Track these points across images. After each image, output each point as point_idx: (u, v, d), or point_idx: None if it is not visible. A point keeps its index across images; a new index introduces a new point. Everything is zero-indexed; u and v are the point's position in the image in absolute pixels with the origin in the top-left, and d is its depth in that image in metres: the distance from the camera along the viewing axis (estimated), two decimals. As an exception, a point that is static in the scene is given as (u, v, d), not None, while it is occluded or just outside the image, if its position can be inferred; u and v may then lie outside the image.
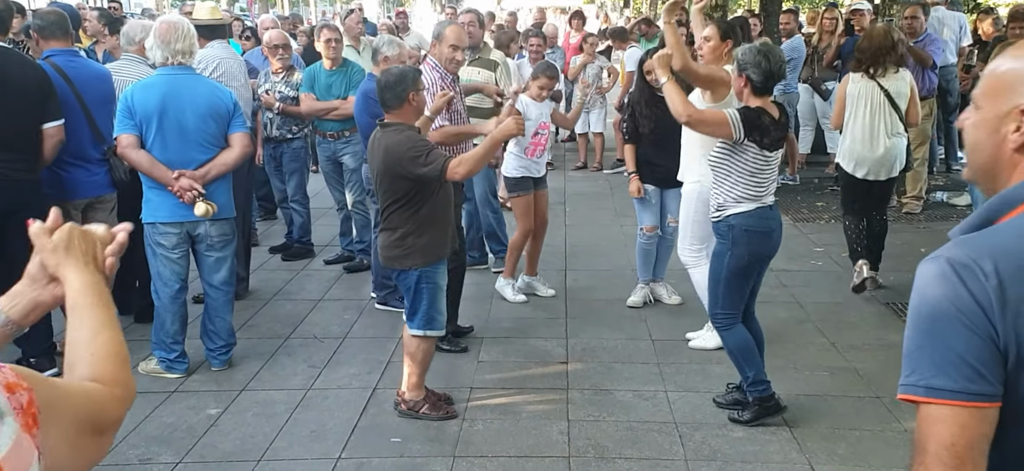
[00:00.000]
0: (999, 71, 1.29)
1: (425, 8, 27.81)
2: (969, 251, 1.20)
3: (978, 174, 1.35)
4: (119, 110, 3.98)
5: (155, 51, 4.05)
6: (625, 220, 7.58)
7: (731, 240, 3.72)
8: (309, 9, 39.22)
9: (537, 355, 4.68)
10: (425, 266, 3.76)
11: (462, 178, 3.69)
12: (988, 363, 1.17)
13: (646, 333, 4.93)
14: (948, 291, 1.18)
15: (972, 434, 1.18)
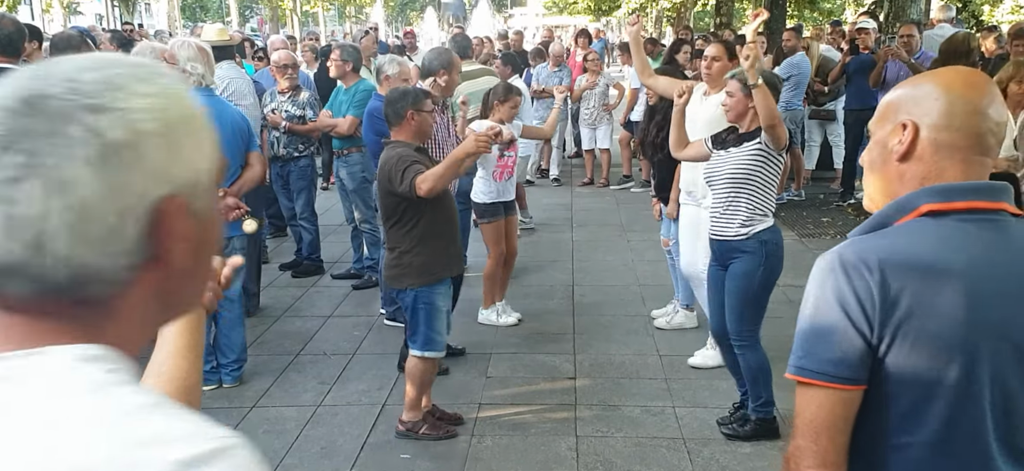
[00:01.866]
0: (889, 99, 1.44)
1: (433, 28, 27.97)
2: (858, 251, 1.33)
3: (875, 195, 1.46)
4: None
5: (204, 73, 4.05)
6: (632, 235, 7.58)
7: (764, 256, 3.65)
8: (318, 28, 39.53)
9: (545, 371, 4.67)
10: (421, 286, 3.67)
11: (427, 194, 3.50)
12: (855, 352, 1.30)
13: (653, 349, 4.91)
14: (833, 284, 1.32)
15: (831, 412, 1.33)
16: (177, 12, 21.42)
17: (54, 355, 0.67)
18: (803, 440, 1.35)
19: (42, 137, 0.65)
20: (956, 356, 1.30)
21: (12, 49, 3.88)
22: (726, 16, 14.87)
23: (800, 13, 20.79)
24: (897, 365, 1.31)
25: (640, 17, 4.84)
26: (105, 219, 0.67)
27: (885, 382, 1.32)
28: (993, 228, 1.35)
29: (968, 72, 1.45)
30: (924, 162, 1.36)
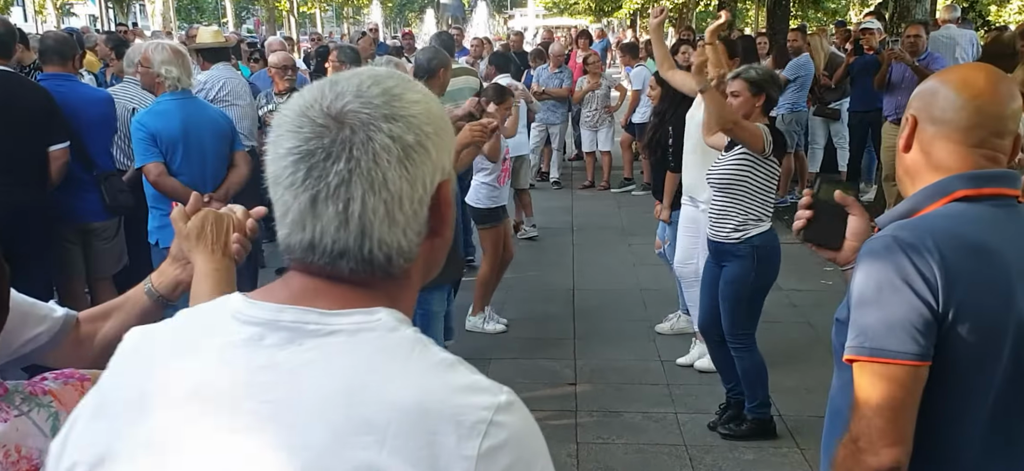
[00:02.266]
0: (917, 90, 1.55)
1: (432, 29, 27.98)
2: (913, 231, 1.40)
3: (899, 176, 1.59)
4: (139, 139, 3.90)
5: (179, 76, 4.00)
6: (633, 239, 7.57)
7: (756, 260, 3.66)
8: (316, 29, 39.51)
9: (545, 376, 4.65)
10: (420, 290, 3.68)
11: None
12: (924, 329, 1.36)
13: (655, 354, 4.89)
14: (895, 264, 1.37)
15: (905, 389, 1.37)
16: (172, 13, 21.41)
17: (383, 315, 0.86)
18: (879, 420, 1.37)
19: (358, 146, 0.83)
20: (1005, 332, 1.39)
21: (4, 51, 3.87)
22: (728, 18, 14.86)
23: (804, 13, 20.81)
24: (957, 340, 1.37)
25: (664, 9, 4.78)
26: (409, 207, 0.86)
27: (946, 357, 1.38)
28: (1015, 214, 1.46)
29: (982, 68, 1.54)
30: (929, 156, 1.48)
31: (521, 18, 41.46)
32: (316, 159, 0.83)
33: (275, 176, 0.86)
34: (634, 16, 29.75)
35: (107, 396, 0.89)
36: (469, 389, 0.83)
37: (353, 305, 0.86)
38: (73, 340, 1.53)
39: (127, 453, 0.83)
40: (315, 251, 0.86)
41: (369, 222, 0.84)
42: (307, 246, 0.86)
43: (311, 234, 0.85)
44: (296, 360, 0.83)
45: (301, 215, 0.85)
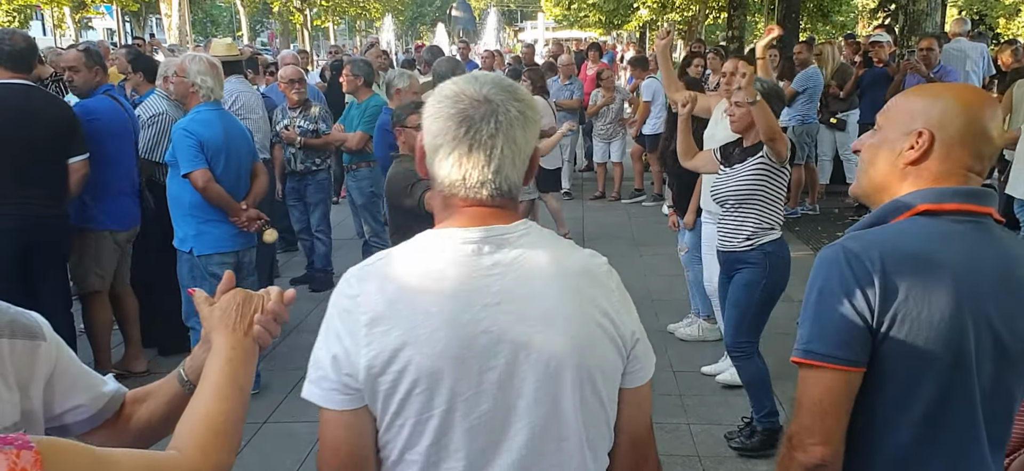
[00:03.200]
0: (908, 103, 1.54)
1: (443, 42, 28.09)
2: (861, 243, 1.44)
3: (869, 188, 1.57)
4: (187, 146, 3.94)
5: (214, 87, 4.08)
6: (644, 249, 7.55)
7: (768, 268, 3.66)
8: (329, 42, 39.77)
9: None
10: None
11: None
12: (857, 336, 1.41)
13: (667, 364, 4.87)
14: (838, 273, 1.42)
15: (835, 393, 1.43)
16: (188, 27, 21.58)
17: (526, 223, 1.34)
18: (808, 419, 1.45)
19: (501, 114, 1.28)
20: (946, 344, 1.41)
21: (25, 64, 3.90)
22: (738, 30, 14.85)
23: (813, 26, 20.77)
24: (893, 349, 1.42)
25: (671, 31, 4.81)
26: (521, 158, 1.31)
27: (881, 364, 1.43)
28: (980, 229, 1.48)
29: (979, 91, 1.62)
30: (931, 170, 1.49)
31: (531, 31, 41.57)
32: (474, 122, 1.27)
33: (438, 133, 1.30)
34: (643, 29, 29.79)
35: (376, 311, 1.27)
36: (592, 256, 1.40)
37: (507, 221, 1.33)
38: (113, 420, 1.42)
39: (414, 337, 1.25)
40: (466, 184, 1.30)
41: (504, 163, 1.29)
42: (459, 180, 1.30)
43: (464, 172, 1.29)
44: (510, 257, 1.30)
45: (459, 159, 1.29)
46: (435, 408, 1.26)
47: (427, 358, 1.24)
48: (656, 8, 23.12)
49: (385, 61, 10.92)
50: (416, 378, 1.25)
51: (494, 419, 1.27)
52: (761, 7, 17.79)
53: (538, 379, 1.27)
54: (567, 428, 1.30)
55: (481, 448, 1.28)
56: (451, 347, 1.25)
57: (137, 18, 33.16)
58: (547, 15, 36.56)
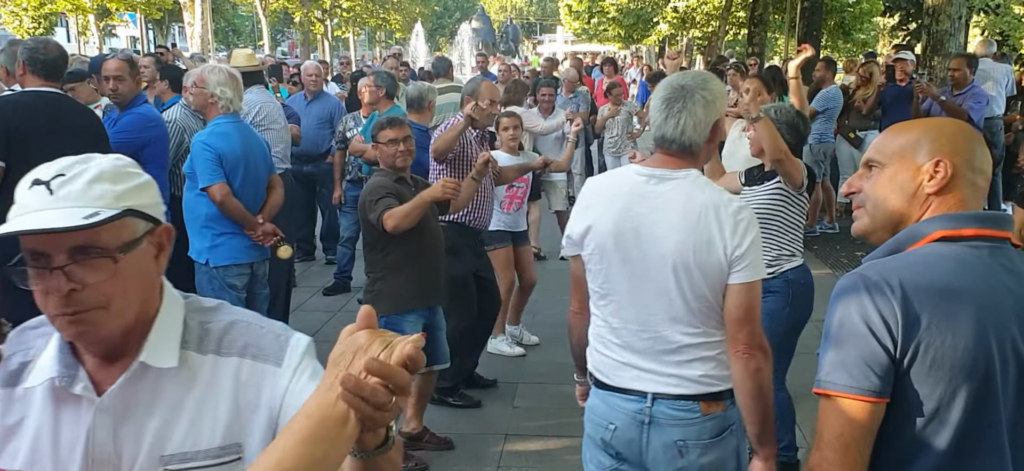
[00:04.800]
0: (903, 138, 1.56)
1: (466, 51, 28.19)
2: (880, 272, 1.43)
3: (885, 222, 1.56)
4: (206, 159, 3.95)
5: (234, 99, 4.11)
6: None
7: (791, 296, 3.53)
8: (348, 53, 40.06)
9: (574, 402, 4.53)
10: (390, 314, 3.66)
11: (392, 231, 3.53)
12: (879, 367, 1.39)
13: (684, 382, 4.85)
14: (857, 303, 1.41)
15: (858, 425, 1.41)
16: (210, 36, 21.83)
17: (693, 172, 2.15)
18: (830, 452, 1.43)
19: (688, 98, 2.13)
20: (971, 371, 1.39)
21: (56, 73, 3.96)
22: (758, 46, 14.84)
23: (833, 44, 20.71)
24: (917, 379, 1.40)
25: (681, 53, 4.81)
26: (706, 126, 2.12)
27: (905, 395, 1.41)
28: (999, 254, 1.47)
29: (962, 123, 1.73)
30: (952, 196, 1.49)
31: (550, 44, 41.69)
32: (672, 100, 2.13)
33: (655, 107, 2.18)
34: (662, 43, 29.80)
35: (585, 203, 2.28)
36: (721, 193, 2.15)
37: (681, 167, 2.15)
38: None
39: (595, 221, 2.22)
40: (665, 141, 2.15)
41: (689, 130, 2.12)
42: (660, 138, 2.16)
43: (663, 132, 2.15)
44: (662, 188, 2.14)
45: (662, 124, 2.14)
46: (603, 264, 2.21)
47: (600, 236, 2.20)
48: (676, 23, 23.14)
49: (405, 72, 11.03)
50: (595, 245, 2.22)
51: (631, 276, 2.17)
52: (782, 24, 17.76)
53: (655, 260, 2.13)
54: (670, 295, 2.13)
55: (621, 296, 2.21)
56: (613, 231, 2.17)
57: (160, 26, 33.56)
58: (566, 28, 36.67)
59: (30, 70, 3.88)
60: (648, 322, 2.17)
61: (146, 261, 1.23)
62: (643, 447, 2.20)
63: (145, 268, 1.23)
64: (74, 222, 1.11)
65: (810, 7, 11.69)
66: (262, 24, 30.62)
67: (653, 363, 2.18)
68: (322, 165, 7.12)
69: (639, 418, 2.19)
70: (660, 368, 2.18)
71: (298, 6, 31.38)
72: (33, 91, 3.90)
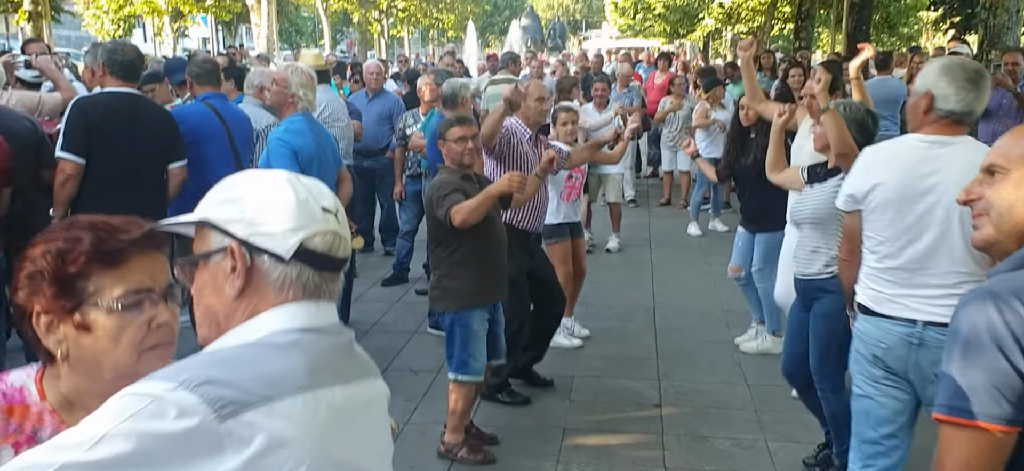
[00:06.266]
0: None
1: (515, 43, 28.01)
2: (1010, 285, 1.25)
3: (1012, 232, 1.36)
4: (283, 155, 3.89)
5: (307, 96, 4.07)
6: (713, 258, 7.30)
7: None
8: (404, 50, 40.20)
9: (630, 397, 4.46)
10: (458, 310, 3.57)
11: (460, 226, 3.41)
12: (1011, 392, 1.21)
13: (741, 378, 4.65)
14: (986, 320, 1.23)
15: (986, 456, 1.24)
16: (275, 36, 22.05)
17: (970, 138, 2.62)
18: None
19: (986, 80, 2.56)
20: None
21: (134, 73, 3.95)
22: (805, 41, 14.36)
23: (878, 39, 20.00)
24: None
25: (755, 39, 4.59)
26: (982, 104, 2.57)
27: None
28: None
29: None
30: None
31: (595, 40, 41.21)
32: (976, 81, 2.48)
33: (950, 86, 2.46)
34: (707, 39, 29.19)
35: (867, 162, 2.69)
36: None
37: (957, 134, 2.48)
38: None
39: (881, 181, 2.57)
40: (964, 115, 2.48)
41: (975, 105, 2.48)
42: (961, 112, 2.48)
43: (969, 108, 2.47)
44: (944, 151, 2.47)
45: (972, 102, 2.47)
46: (886, 215, 2.55)
47: (886, 191, 2.54)
48: (722, 18, 22.61)
49: (460, 69, 10.92)
50: (880, 200, 2.56)
51: (914, 224, 2.50)
52: (828, 19, 17.18)
53: (938, 211, 2.46)
54: (950, 240, 2.46)
55: (902, 240, 2.54)
56: (898, 189, 2.51)
57: (229, 27, 34.10)
58: (612, 24, 36.21)
59: (109, 71, 3.88)
60: (924, 262, 2.51)
61: None
62: (909, 364, 2.54)
63: None
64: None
65: (860, 2, 11.22)
66: (323, 24, 30.85)
67: (925, 294, 2.51)
68: (382, 159, 7.04)
69: (909, 340, 2.53)
70: (932, 300, 2.49)
71: (356, 7, 31.53)
72: (112, 91, 3.90)
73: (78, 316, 1.17)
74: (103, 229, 1.20)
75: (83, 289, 1.17)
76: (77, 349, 1.19)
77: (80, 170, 3.77)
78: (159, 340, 1.21)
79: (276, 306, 1.11)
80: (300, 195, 1.14)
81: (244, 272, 1.11)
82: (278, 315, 1.11)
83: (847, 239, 2.82)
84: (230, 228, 1.11)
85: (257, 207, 1.12)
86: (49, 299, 1.17)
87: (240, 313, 1.12)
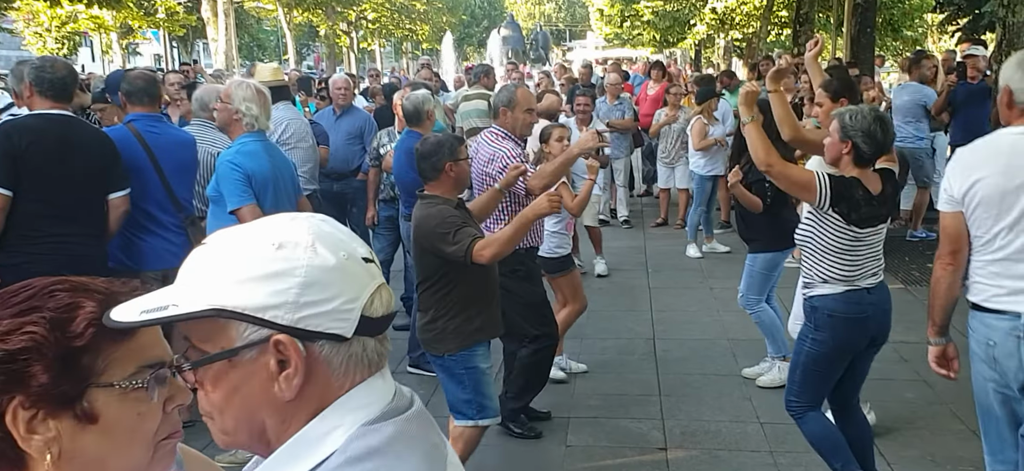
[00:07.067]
0: None
1: (495, 55, 28.06)
2: None
3: None
4: (234, 179, 3.72)
5: (260, 116, 3.89)
6: (715, 281, 7.19)
7: (814, 324, 3.32)
8: (376, 63, 40.19)
9: (632, 439, 4.31)
10: (459, 351, 3.41)
11: (489, 261, 3.26)
12: None
13: (753, 415, 4.51)
14: None
15: None
16: (234, 51, 21.90)
17: None
18: None
19: None
20: None
21: (65, 93, 3.76)
22: (804, 45, 14.40)
23: (882, 42, 20.17)
24: None
25: (821, 41, 4.46)
26: None
27: None
28: None
29: None
30: None
31: (580, 50, 41.42)
32: None
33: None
34: (699, 46, 29.37)
35: (962, 161, 2.84)
36: None
37: None
38: None
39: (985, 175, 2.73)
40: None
41: None
42: None
43: None
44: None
45: None
46: (990, 212, 2.69)
47: (987, 188, 2.68)
48: (714, 25, 22.74)
49: (437, 83, 10.82)
50: (982, 197, 2.70)
51: (1019, 218, 2.64)
52: (828, 23, 17.30)
53: None
54: None
55: (1007, 235, 2.69)
56: (1000, 183, 2.64)
57: (184, 43, 33.92)
58: (598, 33, 36.40)
59: (37, 91, 3.68)
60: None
61: None
62: (1021, 358, 2.66)
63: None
64: None
65: (864, 3, 11.26)
66: (287, 38, 30.76)
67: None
68: (353, 182, 6.88)
69: (1015, 334, 2.65)
70: None
71: (323, 19, 31.48)
72: (41, 114, 3.70)
73: (85, 403, 0.95)
74: (102, 290, 1.00)
75: (91, 367, 0.96)
76: (73, 448, 0.96)
77: (6, 203, 3.57)
78: (174, 429, 1.03)
79: (345, 395, 0.97)
80: (338, 253, 0.96)
81: (304, 369, 0.94)
82: (353, 407, 0.96)
83: (947, 241, 2.88)
84: (270, 316, 0.93)
85: (299, 282, 0.93)
86: (41, 387, 0.93)
87: (302, 414, 0.96)
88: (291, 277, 0.93)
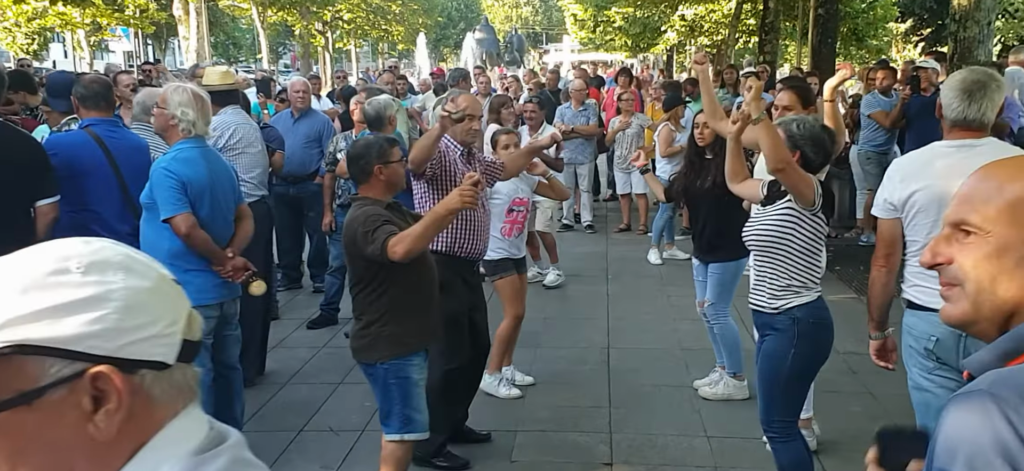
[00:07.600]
0: (1010, 195, 1.14)
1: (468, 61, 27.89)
2: (1010, 388, 1.03)
3: (993, 313, 1.14)
4: (168, 187, 3.58)
5: (197, 122, 3.73)
6: (672, 289, 7.12)
7: (796, 335, 3.17)
8: (351, 65, 39.85)
9: (578, 454, 4.20)
10: (392, 359, 3.25)
11: (403, 258, 3.08)
12: None
13: (700, 428, 4.43)
14: (992, 434, 1.01)
15: None
16: (206, 49, 21.55)
17: (993, 140, 2.97)
18: None
19: (987, 89, 2.84)
20: None
21: (-7, 95, 3.60)
22: (770, 54, 14.42)
23: (846, 51, 20.29)
24: None
25: (706, 55, 4.43)
26: (997, 106, 2.88)
27: None
28: None
29: None
30: None
31: (556, 53, 41.36)
32: (973, 92, 2.79)
33: (952, 97, 2.83)
34: (670, 52, 29.43)
35: (903, 171, 2.98)
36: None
37: (981, 138, 2.81)
38: None
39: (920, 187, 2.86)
40: (968, 122, 2.80)
41: (987, 110, 2.80)
42: (963, 120, 2.80)
43: (966, 116, 2.78)
44: (970, 153, 2.72)
45: (965, 109, 2.79)
46: (927, 219, 2.84)
47: (924, 197, 2.84)
48: (684, 31, 22.76)
49: (404, 86, 10.66)
50: (919, 206, 2.86)
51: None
52: (794, 32, 17.37)
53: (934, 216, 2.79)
54: None
55: None
56: (936, 193, 2.76)
57: (157, 41, 33.38)
58: (573, 37, 36.38)
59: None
60: None
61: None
62: (959, 352, 2.77)
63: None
64: None
65: (825, 14, 11.28)
66: (261, 37, 30.39)
67: None
68: (310, 186, 6.75)
69: (957, 331, 2.56)
70: None
71: (298, 18, 31.14)
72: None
73: None
74: None
75: None
76: None
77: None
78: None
79: (166, 427, 0.89)
80: (151, 275, 0.90)
81: (128, 402, 0.84)
82: (176, 439, 0.89)
83: (883, 244, 3.03)
84: (86, 347, 0.83)
85: (118, 306, 0.85)
86: None
87: (121, 454, 0.86)
88: (108, 302, 0.84)
